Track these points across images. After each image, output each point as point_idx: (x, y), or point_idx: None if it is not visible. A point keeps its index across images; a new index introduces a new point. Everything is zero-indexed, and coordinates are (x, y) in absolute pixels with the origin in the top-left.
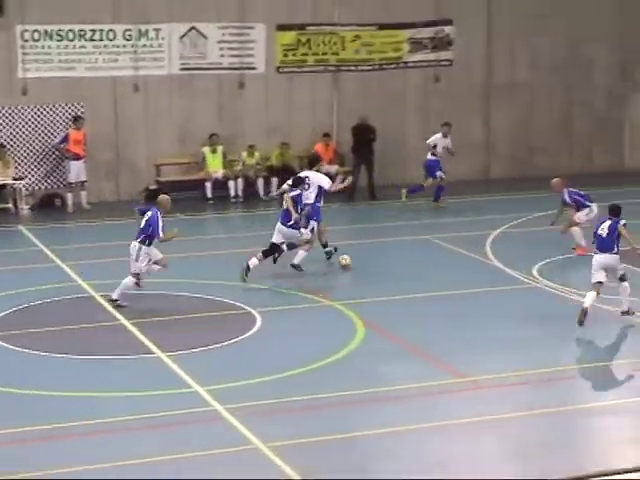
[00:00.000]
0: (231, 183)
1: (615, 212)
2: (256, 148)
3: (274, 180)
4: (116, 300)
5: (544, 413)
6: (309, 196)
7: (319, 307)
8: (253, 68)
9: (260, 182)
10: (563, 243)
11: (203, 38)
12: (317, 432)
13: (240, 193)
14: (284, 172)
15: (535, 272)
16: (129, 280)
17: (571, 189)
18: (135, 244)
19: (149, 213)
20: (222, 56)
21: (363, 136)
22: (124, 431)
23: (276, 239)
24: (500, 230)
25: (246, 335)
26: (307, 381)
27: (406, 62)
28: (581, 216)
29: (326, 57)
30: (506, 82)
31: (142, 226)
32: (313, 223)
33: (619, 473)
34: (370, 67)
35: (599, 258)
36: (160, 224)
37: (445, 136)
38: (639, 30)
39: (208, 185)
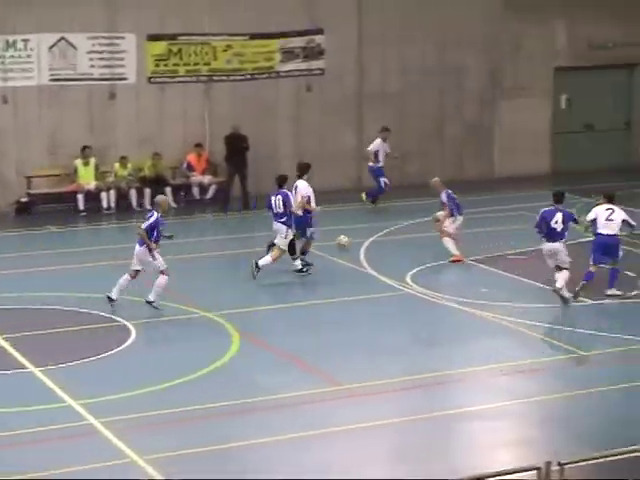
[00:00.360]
0: (103, 195)
1: (560, 199)
2: (128, 159)
3: (147, 191)
4: (112, 299)
5: (420, 419)
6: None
7: (194, 318)
8: (124, 79)
9: (133, 193)
10: (437, 250)
11: (73, 49)
12: (195, 443)
13: (112, 205)
14: (157, 183)
15: (409, 279)
16: (124, 279)
17: (450, 191)
18: (140, 248)
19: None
20: (92, 67)
21: (236, 146)
22: None
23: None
24: (373, 238)
25: (120, 348)
26: (183, 392)
27: (278, 72)
28: (450, 225)
29: (198, 67)
30: (378, 90)
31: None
32: (311, 230)
33: (494, 476)
34: (242, 77)
35: (548, 245)
36: (160, 227)
37: (384, 141)
38: (507, 36)
39: (80, 197)
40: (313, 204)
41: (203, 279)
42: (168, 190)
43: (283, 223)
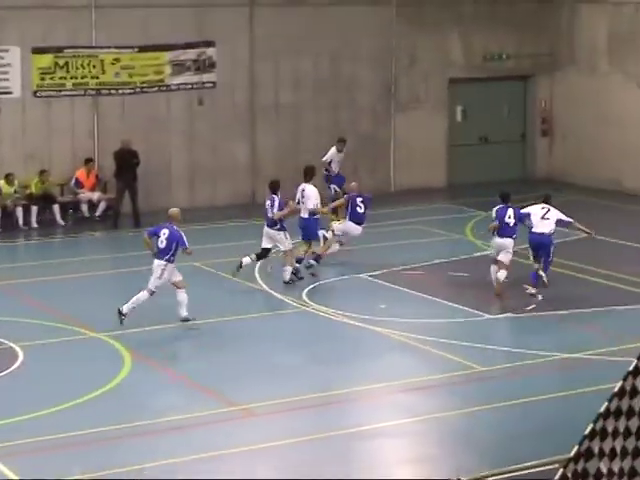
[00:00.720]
0: None
1: (507, 199)
2: (14, 176)
3: (34, 209)
4: (124, 314)
5: (318, 438)
6: (304, 210)
7: (85, 339)
8: (9, 92)
9: (19, 211)
10: (333, 265)
11: None
12: (83, 468)
13: None
14: (44, 200)
15: (305, 296)
16: (143, 295)
17: (361, 198)
18: (160, 262)
19: (165, 231)
20: None
21: (126, 161)
22: None
23: (265, 244)
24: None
25: (7, 371)
26: (72, 416)
27: (168, 85)
28: (338, 226)
29: (85, 81)
30: (271, 103)
31: (163, 245)
32: (321, 232)
33: None
34: (131, 90)
35: (498, 241)
36: (183, 235)
37: (340, 151)
38: (401, 48)
39: None
40: (319, 206)
41: (92, 299)
42: (56, 208)
43: (278, 230)
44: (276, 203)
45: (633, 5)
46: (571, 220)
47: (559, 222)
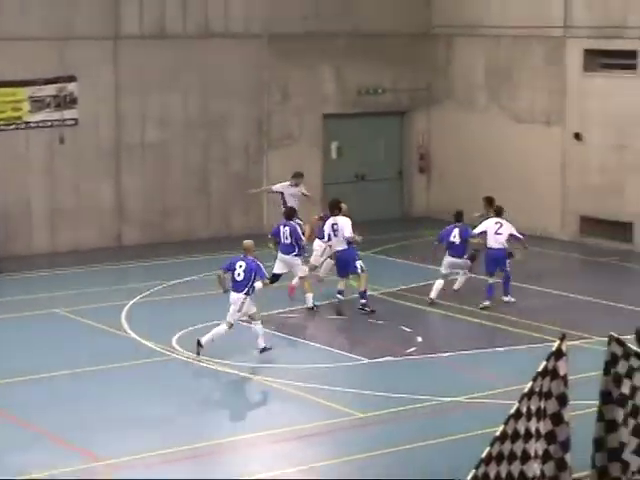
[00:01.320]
0: None
1: (459, 218)
2: None
3: None
4: (202, 345)
5: None
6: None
7: None
8: None
9: None
10: (205, 310)
11: None
12: None
13: None
14: None
15: (175, 342)
16: (222, 328)
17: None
18: (240, 296)
19: (242, 263)
20: None
21: None
22: None
23: (277, 270)
24: (136, 299)
25: None
26: None
27: (27, 122)
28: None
29: None
30: (137, 141)
31: (241, 278)
32: (359, 263)
33: None
34: None
35: (448, 259)
36: (262, 266)
37: (293, 185)
38: (274, 83)
39: None
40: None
41: None
42: None
43: (296, 255)
44: (299, 230)
45: (510, 38)
46: (522, 237)
47: (511, 237)
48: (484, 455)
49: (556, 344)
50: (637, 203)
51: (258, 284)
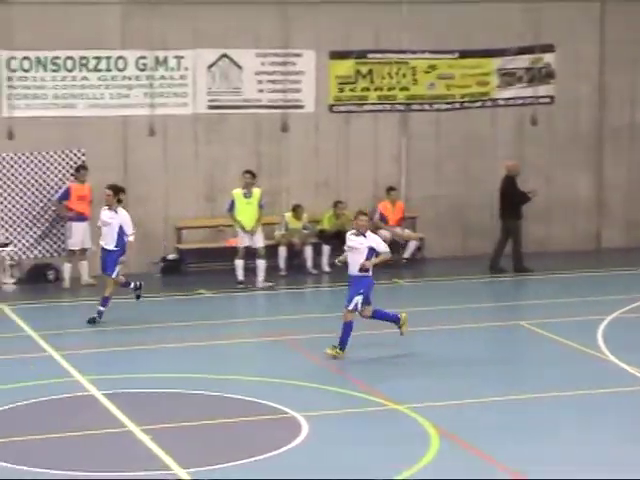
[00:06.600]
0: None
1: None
2: (303, 208)
3: (325, 249)
4: None
5: None
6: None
7: (381, 411)
8: (300, 106)
9: (308, 251)
10: None
11: (237, 68)
12: None
13: (283, 265)
14: (338, 238)
15: None
16: None
17: None
18: None
19: None
20: (261, 91)
21: (515, 196)
22: None
23: None
24: (615, 314)
25: (290, 446)
26: None
27: (494, 99)
28: None
29: (392, 93)
30: (624, 125)
31: None
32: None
33: None
34: (449, 105)
35: None
36: None
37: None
38: None
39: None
40: None
41: (393, 361)
42: None
43: None
44: None
45: None
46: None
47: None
48: None
49: None
50: None
51: None
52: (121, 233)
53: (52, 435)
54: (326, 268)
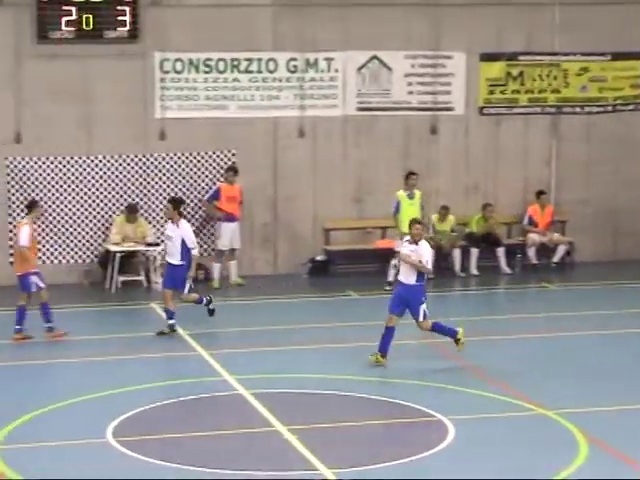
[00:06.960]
0: None
1: None
2: (450, 210)
3: (474, 252)
4: None
5: None
6: None
7: (528, 416)
8: (449, 109)
9: (456, 254)
10: None
11: (387, 70)
12: None
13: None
14: (487, 242)
15: None
16: None
17: None
18: None
19: None
20: (410, 93)
21: None
22: None
23: None
24: None
25: (433, 450)
26: None
27: None
28: None
29: (544, 95)
30: None
31: None
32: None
33: None
34: (601, 108)
35: None
36: None
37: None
38: None
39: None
40: None
41: (535, 367)
42: (501, 251)
43: None
44: None
45: None
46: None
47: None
48: None
49: None
50: None
51: None
52: (185, 247)
53: (202, 433)
54: (474, 271)
